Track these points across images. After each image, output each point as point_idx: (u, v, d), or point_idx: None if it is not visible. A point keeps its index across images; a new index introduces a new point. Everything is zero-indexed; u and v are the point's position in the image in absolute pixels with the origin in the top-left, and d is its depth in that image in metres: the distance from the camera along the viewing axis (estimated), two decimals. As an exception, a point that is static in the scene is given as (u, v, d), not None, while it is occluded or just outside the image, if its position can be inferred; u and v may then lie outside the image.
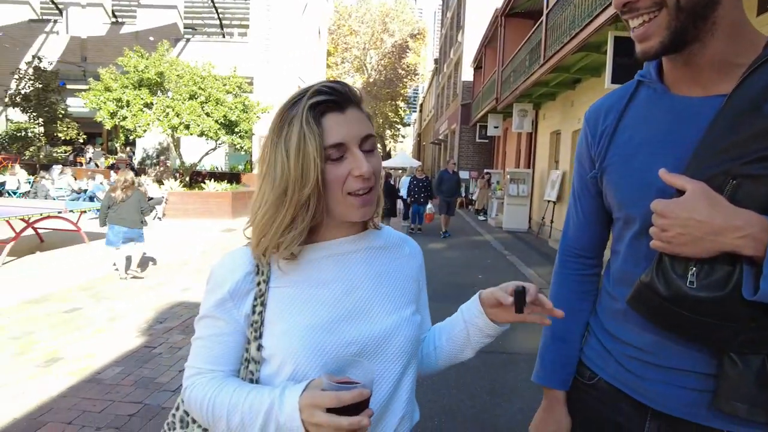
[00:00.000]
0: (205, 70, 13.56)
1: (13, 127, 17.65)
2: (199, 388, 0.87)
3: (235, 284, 0.87)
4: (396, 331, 0.90)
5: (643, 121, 0.98)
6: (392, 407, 0.91)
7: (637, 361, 0.97)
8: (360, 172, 0.84)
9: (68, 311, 5.07)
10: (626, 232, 0.99)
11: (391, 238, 1.03)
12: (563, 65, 9.27)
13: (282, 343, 0.84)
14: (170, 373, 3.69)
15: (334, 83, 0.87)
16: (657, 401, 0.95)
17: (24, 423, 2.93)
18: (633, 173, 0.96)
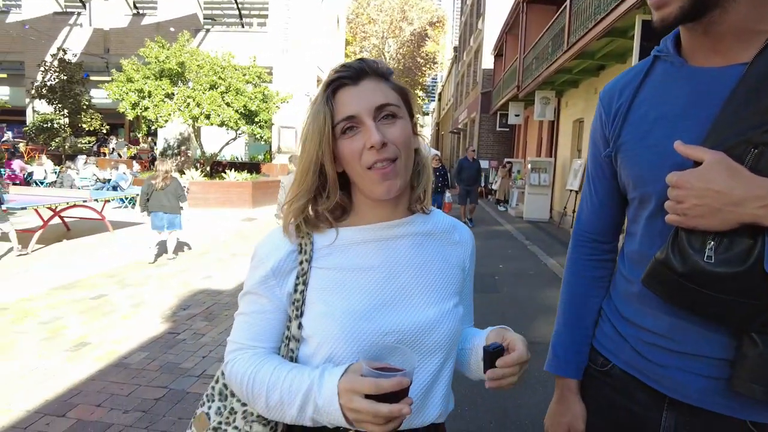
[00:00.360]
0: (225, 60, 13.63)
1: (39, 118, 18.04)
2: (240, 364, 0.87)
3: (278, 262, 0.88)
4: (437, 323, 0.87)
5: (659, 96, 0.94)
6: (430, 400, 0.88)
7: (653, 347, 0.93)
8: (370, 142, 0.82)
9: (94, 298, 5.18)
10: (642, 212, 0.95)
11: (440, 223, 0.99)
12: (587, 51, 9.04)
13: (320, 326, 0.85)
14: (194, 359, 3.74)
15: (352, 61, 0.88)
16: (674, 389, 0.91)
17: (56, 404, 3.01)
18: (649, 149, 0.92)
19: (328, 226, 0.91)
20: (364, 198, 0.91)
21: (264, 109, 13.78)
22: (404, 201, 0.93)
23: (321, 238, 0.90)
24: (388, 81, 0.88)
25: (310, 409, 0.76)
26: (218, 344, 4.06)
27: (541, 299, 5.60)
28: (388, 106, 0.85)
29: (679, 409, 0.91)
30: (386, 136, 0.83)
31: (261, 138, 14.61)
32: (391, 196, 0.86)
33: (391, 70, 0.92)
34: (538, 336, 4.36)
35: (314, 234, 0.90)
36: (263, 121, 13.97)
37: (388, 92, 0.86)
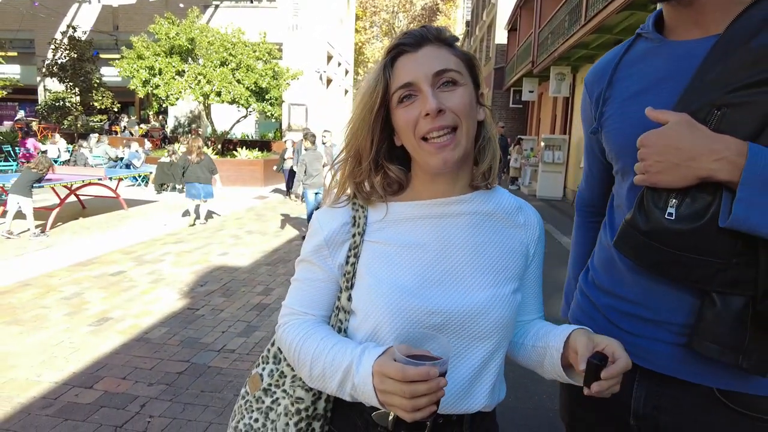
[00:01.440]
0: (235, 37, 13.47)
1: (51, 97, 18.07)
2: (290, 329, 0.89)
3: (331, 233, 0.88)
4: (489, 308, 0.83)
5: (637, 72, 0.97)
6: (477, 388, 0.85)
7: (626, 315, 0.95)
8: (425, 109, 0.79)
9: (114, 274, 5.26)
10: (624, 184, 0.97)
11: (504, 203, 0.92)
12: (606, 26, 8.82)
13: (366, 298, 0.84)
14: (214, 334, 3.80)
15: (415, 28, 0.85)
16: (646, 359, 0.91)
17: (83, 377, 3.08)
18: (628, 123, 0.94)
19: (380, 200, 0.89)
20: (421, 173, 0.88)
21: (274, 86, 13.67)
22: (464, 177, 0.89)
23: (375, 212, 0.89)
24: (452, 48, 0.85)
25: (349, 385, 0.77)
26: (237, 320, 4.12)
27: (555, 277, 5.58)
28: (448, 71, 0.81)
29: (649, 379, 0.92)
30: (444, 103, 0.80)
31: (272, 116, 14.53)
32: (447, 168, 0.83)
33: (456, 37, 0.87)
34: (554, 313, 4.36)
35: (369, 208, 0.90)
36: (274, 99, 13.87)
37: (450, 58, 0.83)
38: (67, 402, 2.79)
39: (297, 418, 0.89)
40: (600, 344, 0.78)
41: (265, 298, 4.68)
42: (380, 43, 38.04)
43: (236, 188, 12.58)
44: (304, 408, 0.89)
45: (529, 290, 0.96)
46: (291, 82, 14.47)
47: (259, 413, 0.95)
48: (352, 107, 0.89)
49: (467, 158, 0.87)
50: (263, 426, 0.93)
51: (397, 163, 0.90)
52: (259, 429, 0.93)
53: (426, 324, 0.80)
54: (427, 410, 0.69)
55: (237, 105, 13.38)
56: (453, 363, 0.82)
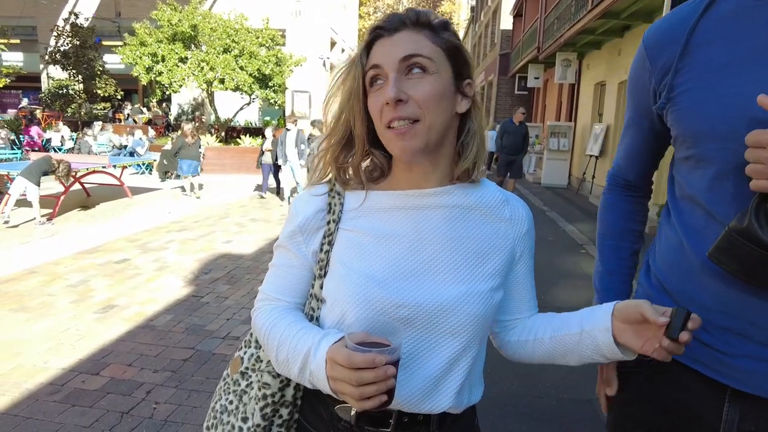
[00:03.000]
0: (237, 23, 13.37)
1: (54, 84, 18.04)
2: (261, 315, 0.89)
3: (306, 219, 0.87)
4: (460, 304, 0.80)
5: (728, 36, 0.80)
6: (443, 387, 0.82)
7: (715, 329, 0.82)
8: (385, 97, 0.76)
9: (118, 262, 5.29)
10: (702, 173, 0.83)
11: (488, 196, 0.88)
12: (613, 10, 8.67)
13: (335, 287, 0.83)
14: (218, 322, 3.82)
15: (398, 12, 0.83)
16: (740, 379, 0.80)
17: (89, 363, 3.11)
18: (717, 100, 0.79)
19: (359, 185, 0.88)
20: (398, 161, 0.86)
21: (278, 72, 13.59)
22: (441, 169, 0.85)
23: (351, 199, 0.88)
24: (433, 32, 0.80)
25: (308, 371, 0.76)
26: (241, 307, 4.14)
27: (561, 265, 5.58)
28: (416, 56, 0.77)
29: (743, 401, 0.82)
30: (407, 92, 0.76)
31: (275, 103, 14.47)
32: (407, 157, 0.80)
33: (445, 22, 0.83)
34: (558, 302, 4.36)
35: (345, 195, 0.88)
36: (277, 85, 13.80)
37: (424, 43, 0.79)
38: (74, 388, 2.82)
39: (263, 403, 0.89)
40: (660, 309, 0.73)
41: (269, 286, 4.70)
42: (384, 29, 37.77)
43: (240, 176, 12.57)
44: (271, 394, 0.89)
45: (521, 286, 0.93)
46: (294, 69, 14.39)
47: (234, 395, 0.95)
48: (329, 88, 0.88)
49: (437, 149, 0.83)
50: (236, 408, 0.94)
51: (381, 149, 0.87)
52: (233, 411, 0.94)
53: (393, 316, 0.79)
54: (376, 399, 0.67)
55: (240, 92, 13.34)
56: (419, 359, 0.81)
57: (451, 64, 0.81)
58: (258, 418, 0.89)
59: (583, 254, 6.23)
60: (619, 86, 10.13)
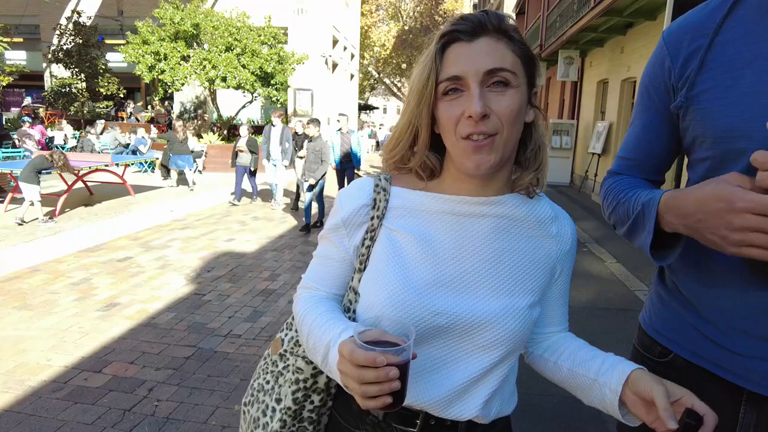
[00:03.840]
0: (240, 21, 13.36)
1: (57, 83, 18.07)
2: (300, 302, 0.91)
3: (349, 214, 0.86)
4: (498, 319, 0.79)
5: (754, 33, 0.78)
6: (469, 396, 0.82)
7: (731, 331, 0.81)
8: (469, 111, 0.73)
9: (121, 260, 5.31)
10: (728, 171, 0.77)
11: (539, 210, 0.86)
12: (615, 8, 8.64)
13: (372, 288, 0.83)
14: (220, 320, 3.84)
15: (474, 13, 0.77)
16: (759, 382, 0.79)
17: (92, 361, 3.13)
18: (743, 98, 0.77)
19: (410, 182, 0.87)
20: (453, 167, 0.83)
21: (280, 71, 13.58)
22: (500, 179, 0.83)
23: (397, 197, 0.86)
24: (511, 41, 0.76)
25: (328, 361, 0.77)
26: (243, 305, 4.16)
27: (562, 263, 5.58)
28: (502, 71, 0.74)
29: (760, 405, 0.81)
30: (491, 107, 0.73)
31: (277, 101, 14.46)
32: (480, 172, 0.77)
33: (517, 28, 0.80)
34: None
35: (391, 191, 0.86)
36: (279, 84, 13.79)
37: (506, 55, 0.75)
38: (77, 386, 2.83)
39: (295, 387, 0.91)
40: (674, 394, 0.70)
41: (271, 284, 4.71)
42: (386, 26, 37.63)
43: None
44: (303, 379, 0.91)
45: (554, 302, 0.91)
46: (296, 67, 14.37)
47: (271, 375, 0.98)
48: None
49: (505, 163, 0.81)
50: (272, 389, 0.96)
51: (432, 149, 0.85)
52: (269, 391, 0.96)
53: (430, 324, 0.78)
54: (380, 400, 0.65)
55: (242, 90, 13.33)
56: (450, 367, 0.81)
57: (526, 74, 0.79)
58: (289, 401, 0.91)
59: (585, 252, 6.22)
60: (621, 84, 10.10)
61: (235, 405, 2.68)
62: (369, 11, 36.20)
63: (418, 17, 38.10)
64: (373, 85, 37.50)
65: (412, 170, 0.87)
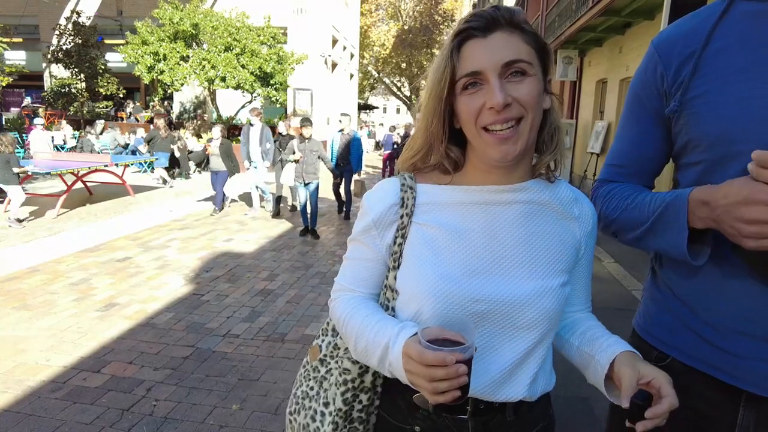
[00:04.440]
0: (239, 21, 13.38)
1: (57, 83, 18.08)
2: (339, 305, 0.93)
3: (379, 214, 0.88)
4: (535, 300, 0.82)
5: (745, 41, 0.81)
6: (516, 377, 0.84)
7: (730, 333, 0.83)
8: (491, 103, 0.76)
9: (120, 260, 5.32)
10: (718, 176, 0.81)
11: (561, 193, 0.90)
12: (614, 8, 8.64)
13: (410, 282, 0.85)
14: (219, 320, 3.85)
15: (485, 9, 0.81)
16: (757, 383, 0.81)
17: (90, 361, 3.15)
18: (737, 103, 0.80)
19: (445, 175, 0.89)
20: (477, 160, 0.86)
21: (279, 70, 13.59)
22: (523, 166, 0.86)
23: (424, 193, 0.88)
24: (523, 33, 0.80)
25: (387, 362, 0.79)
26: (241, 305, 4.17)
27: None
28: (518, 62, 0.77)
29: (758, 405, 0.82)
30: (512, 94, 0.77)
31: (276, 101, 14.48)
32: (507, 162, 0.80)
33: (526, 19, 0.83)
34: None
35: (417, 188, 0.89)
36: (279, 84, 13.81)
37: (521, 46, 0.78)
38: (76, 386, 2.85)
39: (344, 388, 0.93)
40: (646, 376, 0.76)
41: (269, 284, 4.73)
42: (386, 26, 37.62)
43: (241, 174, 12.57)
44: (351, 379, 0.92)
45: (578, 282, 0.94)
46: (296, 67, 14.39)
47: (314, 381, 1.00)
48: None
49: (528, 150, 0.83)
50: (317, 394, 0.98)
51: (453, 143, 0.88)
52: (314, 396, 0.98)
53: (470, 311, 0.80)
54: (449, 395, 0.69)
55: (242, 90, 13.34)
56: (494, 351, 0.83)
57: (541, 63, 0.82)
58: (339, 402, 0.93)
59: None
60: (620, 83, 10.10)
61: (233, 405, 2.70)
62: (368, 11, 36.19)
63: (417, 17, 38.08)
64: (372, 85, 37.48)
65: (433, 167, 0.90)
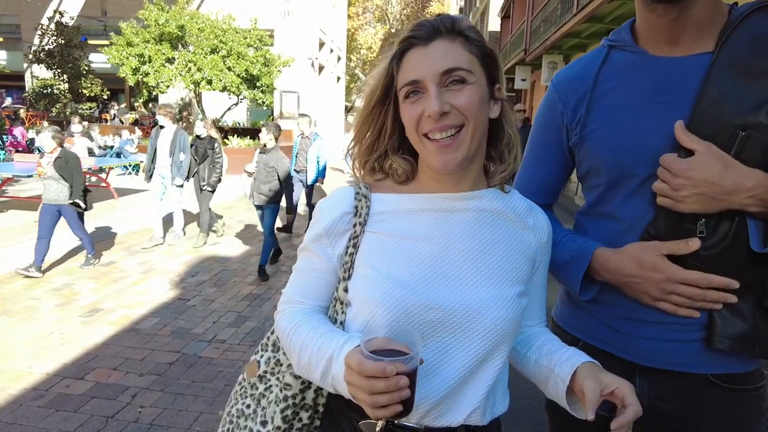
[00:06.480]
0: (225, 23, 13.30)
1: (39, 83, 17.79)
2: (284, 318, 0.89)
3: (332, 223, 0.86)
4: (489, 308, 0.80)
5: (624, 84, 0.98)
6: (466, 392, 0.82)
7: (624, 320, 1.01)
8: (428, 111, 0.77)
9: (104, 264, 5.26)
10: (616, 193, 1.00)
11: (514, 203, 0.90)
12: (598, 15, 8.80)
13: (362, 290, 0.83)
14: (204, 324, 3.83)
15: (429, 19, 0.82)
16: (645, 357, 0.99)
17: (74, 368, 3.11)
18: (622, 135, 0.97)
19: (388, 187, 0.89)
20: (426, 168, 0.86)
21: (266, 73, 13.54)
22: (473, 174, 0.86)
23: (378, 202, 0.87)
24: (467, 40, 0.80)
25: (330, 376, 0.76)
26: (228, 310, 4.15)
27: (545, 266, 5.66)
28: (457, 70, 0.78)
29: (650, 374, 1.00)
30: (451, 102, 0.77)
31: (263, 103, 14.42)
32: (448, 170, 0.80)
33: (474, 28, 0.83)
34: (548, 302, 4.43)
35: (372, 197, 0.87)
36: (265, 86, 13.74)
37: (461, 54, 0.79)
38: (59, 393, 2.82)
39: (284, 405, 0.89)
40: (609, 386, 0.76)
41: (255, 288, 4.71)
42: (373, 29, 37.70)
43: (227, 177, 12.48)
44: (292, 395, 0.89)
45: (533, 295, 0.93)
46: (282, 69, 14.34)
47: (251, 399, 0.96)
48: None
49: (474, 158, 0.84)
50: (254, 412, 0.94)
51: (408, 153, 0.88)
52: (250, 415, 0.94)
53: (423, 319, 0.78)
54: (390, 409, 0.66)
55: (228, 92, 13.27)
56: (447, 363, 0.81)
57: (485, 70, 0.82)
58: (278, 420, 0.89)
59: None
60: (603, 89, 10.26)
61: (219, 410, 2.69)
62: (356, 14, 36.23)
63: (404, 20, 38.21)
64: (360, 88, 37.50)
65: (387, 176, 0.90)
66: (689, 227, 0.89)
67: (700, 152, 0.85)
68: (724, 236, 0.87)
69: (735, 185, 0.84)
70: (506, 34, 19.36)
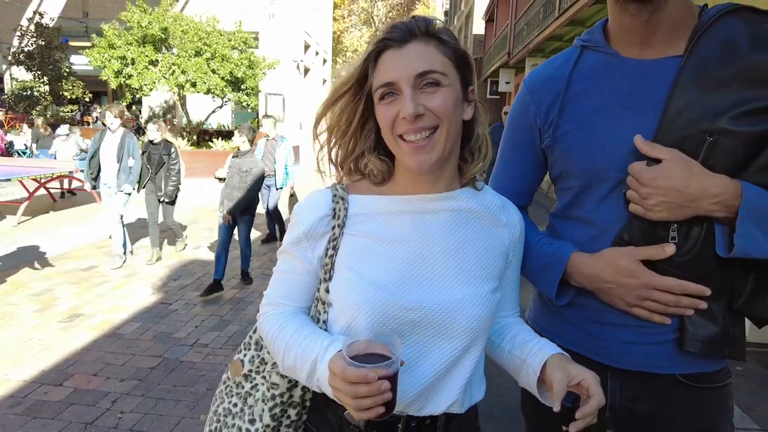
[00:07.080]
0: (209, 25, 13.22)
1: (18, 86, 17.49)
2: (268, 319, 0.91)
3: (311, 226, 0.87)
4: (465, 306, 0.83)
5: (596, 87, 0.98)
6: (445, 385, 0.85)
7: (597, 323, 1.02)
8: (403, 113, 0.78)
9: (85, 269, 5.19)
10: (589, 197, 1.00)
11: (487, 201, 0.92)
12: (579, 18, 8.94)
13: (343, 292, 0.85)
14: (187, 329, 3.81)
15: (403, 21, 0.83)
16: (617, 359, 1.00)
17: (52, 374, 3.07)
18: (594, 138, 0.96)
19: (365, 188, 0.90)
20: (403, 168, 0.88)
21: (251, 75, 13.48)
22: (448, 174, 0.88)
23: (356, 204, 0.88)
24: (441, 43, 0.82)
25: (315, 377, 0.79)
26: (210, 314, 4.13)
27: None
28: (431, 73, 0.79)
29: (622, 376, 1.02)
30: (425, 104, 0.79)
31: (248, 106, 14.35)
32: (423, 171, 0.82)
33: (448, 30, 0.84)
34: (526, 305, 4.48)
35: (349, 199, 0.89)
36: (250, 89, 13.68)
37: (436, 57, 0.80)
38: (36, 400, 2.78)
39: (272, 403, 0.91)
40: (575, 377, 0.80)
41: (238, 292, 4.69)
42: (358, 32, 37.73)
43: (212, 180, 12.41)
44: (279, 394, 0.91)
45: (506, 288, 0.96)
46: (267, 72, 14.29)
47: (238, 398, 0.97)
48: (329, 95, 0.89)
49: (448, 158, 0.85)
50: (241, 411, 0.95)
51: (384, 153, 0.89)
52: (237, 413, 0.96)
53: (403, 320, 0.81)
54: (374, 411, 0.69)
55: (212, 95, 13.18)
56: (425, 361, 0.83)
57: (459, 73, 0.84)
58: (267, 418, 0.91)
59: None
60: (585, 92, 10.41)
61: (201, 414, 2.68)
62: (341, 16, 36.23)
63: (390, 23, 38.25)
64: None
65: (364, 177, 0.91)
66: (662, 233, 0.90)
67: (667, 160, 0.86)
68: (695, 242, 0.89)
69: (700, 192, 0.85)
70: (490, 37, 19.53)
